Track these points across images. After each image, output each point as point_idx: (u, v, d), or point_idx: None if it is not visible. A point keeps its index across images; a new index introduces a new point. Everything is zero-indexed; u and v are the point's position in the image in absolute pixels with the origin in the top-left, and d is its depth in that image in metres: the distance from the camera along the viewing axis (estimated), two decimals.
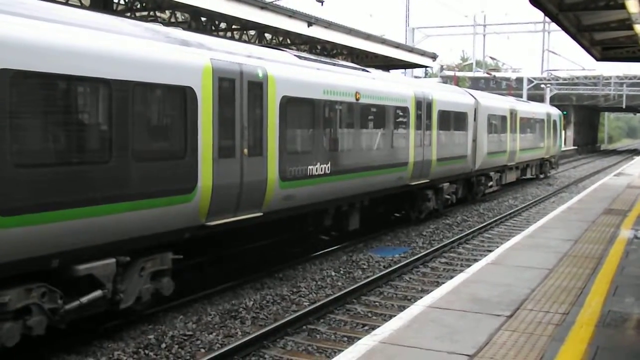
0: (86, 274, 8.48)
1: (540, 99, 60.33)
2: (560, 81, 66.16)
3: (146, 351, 9.14)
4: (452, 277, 10.82)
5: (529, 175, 34.64)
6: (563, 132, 49.52)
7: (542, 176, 37.26)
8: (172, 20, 23.64)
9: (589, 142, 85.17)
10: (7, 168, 7.28)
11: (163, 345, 9.33)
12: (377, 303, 11.90)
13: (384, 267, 14.50)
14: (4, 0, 7.75)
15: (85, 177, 8.28)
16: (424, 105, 18.95)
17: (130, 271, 9.36)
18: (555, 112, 40.21)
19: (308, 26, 23.54)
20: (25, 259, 7.64)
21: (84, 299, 8.54)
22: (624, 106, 71.63)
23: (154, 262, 9.82)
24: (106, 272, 8.76)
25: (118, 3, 21.83)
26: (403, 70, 42.97)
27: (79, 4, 20.32)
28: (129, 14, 21.13)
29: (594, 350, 6.43)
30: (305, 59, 14.05)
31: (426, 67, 39.58)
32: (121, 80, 8.76)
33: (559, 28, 15.23)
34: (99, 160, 8.52)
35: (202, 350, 9.25)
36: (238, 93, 11.07)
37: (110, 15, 10.17)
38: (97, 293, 8.72)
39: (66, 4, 16.50)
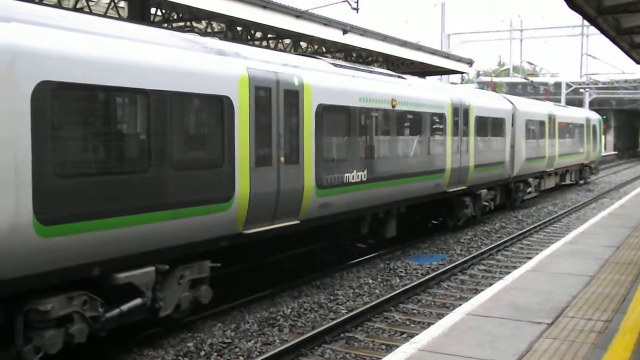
0: (126, 282, 8.58)
1: (579, 103, 59.55)
2: (600, 85, 65.14)
3: (185, 359, 9.22)
4: (491, 285, 10.72)
5: (568, 181, 34.16)
6: (603, 137, 48.76)
7: (581, 182, 36.72)
8: (209, 30, 23.89)
9: (629, 147, 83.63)
10: (50, 179, 7.41)
11: (202, 353, 9.39)
12: (415, 311, 11.83)
13: (421, 274, 14.42)
14: (47, 14, 7.92)
15: (125, 187, 8.39)
16: (460, 112, 18.84)
17: (169, 279, 9.44)
18: (594, 116, 39.64)
19: (343, 34, 23.62)
20: (67, 268, 7.76)
21: (124, 307, 8.65)
22: None
23: (192, 270, 9.90)
24: (146, 280, 8.86)
25: (155, 14, 22.14)
26: (439, 76, 42.83)
27: (117, 16, 20.65)
28: (166, 25, 21.41)
29: (638, 358, 6.30)
30: (341, 66, 14.06)
31: (462, 73, 39.37)
32: (159, 90, 8.86)
33: (598, 31, 15.00)
34: (139, 170, 8.62)
35: (241, 358, 9.30)
36: (274, 101, 11.12)
37: (147, 26, 10.31)
38: (137, 301, 8.82)
39: (104, 16, 16.78)
